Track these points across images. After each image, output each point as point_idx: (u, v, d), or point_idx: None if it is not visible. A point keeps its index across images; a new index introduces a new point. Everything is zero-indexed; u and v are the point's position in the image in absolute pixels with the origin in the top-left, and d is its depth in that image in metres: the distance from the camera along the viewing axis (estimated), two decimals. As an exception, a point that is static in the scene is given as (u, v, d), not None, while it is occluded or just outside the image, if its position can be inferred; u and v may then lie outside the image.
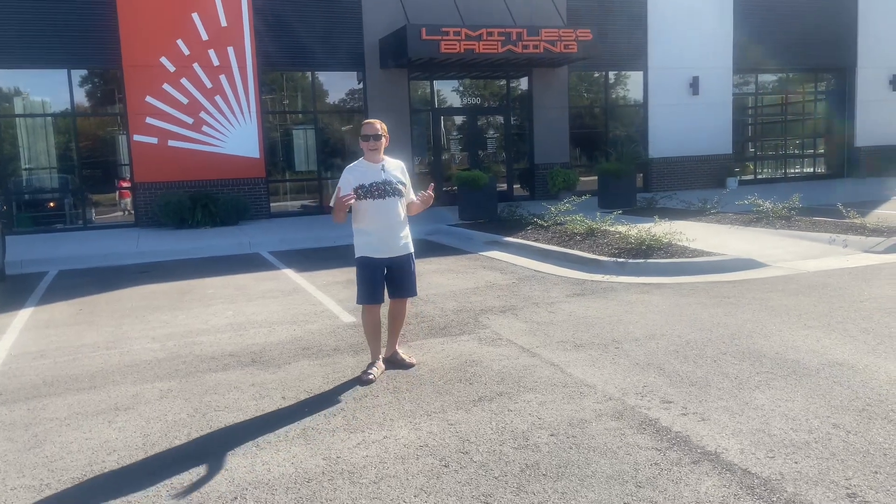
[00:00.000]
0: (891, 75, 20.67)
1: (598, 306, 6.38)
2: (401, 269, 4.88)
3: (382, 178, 4.75)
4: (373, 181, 4.72)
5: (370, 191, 4.71)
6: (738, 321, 5.66)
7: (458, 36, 13.95)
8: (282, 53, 15.04)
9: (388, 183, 4.75)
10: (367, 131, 4.76)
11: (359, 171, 4.78)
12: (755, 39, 18.85)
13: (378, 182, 4.73)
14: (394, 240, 4.80)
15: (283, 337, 5.92)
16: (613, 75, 18.17)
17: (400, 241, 4.83)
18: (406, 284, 4.93)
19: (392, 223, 4.78)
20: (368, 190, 4.71)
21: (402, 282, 4.92)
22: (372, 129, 4.76)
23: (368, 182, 4.72)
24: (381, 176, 4.75)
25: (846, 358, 4.65)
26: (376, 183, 4.72)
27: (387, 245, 4.80)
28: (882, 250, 8.28)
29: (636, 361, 4.80)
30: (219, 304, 7.28)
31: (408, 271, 4.92)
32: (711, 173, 18.94)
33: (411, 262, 4.94)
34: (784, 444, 3.46)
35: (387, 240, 4.79)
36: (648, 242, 8.02)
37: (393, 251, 4.81)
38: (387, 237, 4.78)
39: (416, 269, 5.01)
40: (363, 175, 4.75)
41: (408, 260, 4.91)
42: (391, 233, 4.79)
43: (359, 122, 16.08)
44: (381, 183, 4.73)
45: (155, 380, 4.97)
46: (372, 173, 4.75)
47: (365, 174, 4.75)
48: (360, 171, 4.79)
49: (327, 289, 7.78)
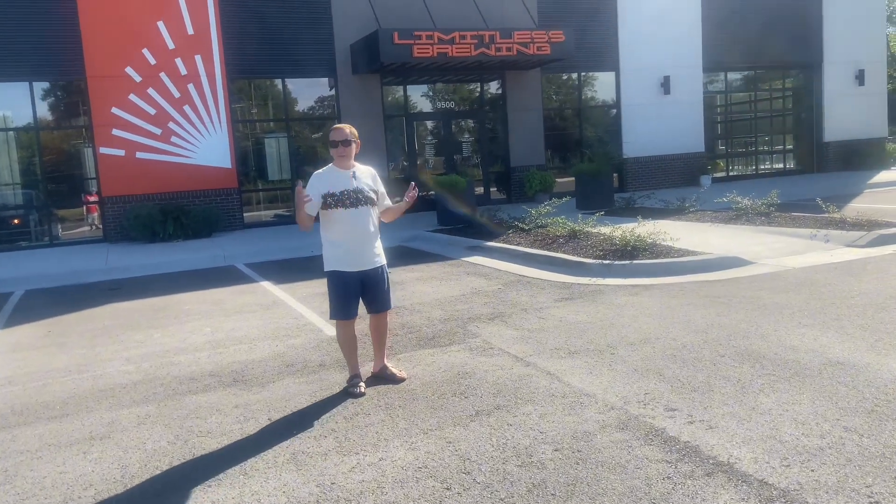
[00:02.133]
0: (856, 70, 21.00)
1: (589, 311, 6.25)
2: (375, 282, 4.65)
3: (354, 186, 4.48)
4: (343, 189, 4.45)
5: (341, 199, 4.44)
6: (733, 321, 5.56)
7: (431, 40, 13.79)
8: (251, 61, 14.76)
9: (359, 191, 4.48)
10: (336, 136, 4.50)
11: (328, 179, 4.49)
12: (723, 38, 19.01)
13: (349, 190, 4.46)
14: (367, 252, 4.57)
15: (265, 353, 5.69)
16: (586, 76, 18.18)
17: (373, 254, 4.61)
18: (382, 298, 4.73)
19: (365, 234, 4.54)
20: (339, 198, 4.44)
21: (377, 296, 4.71)
22: (340, 133, 4.50)
23: (339, 190, 4.44)
24: (352, 183, 4.48)
25: (847, 356, 4.57)
26: (347, 191, 4.45)
27: (359, 258, 4.55)
28: (864, 244, 8.29)
29: (634, 367, 4.67)
30: (195, 321, 7.01)
31: (382, 285, 4.70)
32: (685, 171, 19.04)
33: (385, 274, 4.72)
34: (797, 451, 3.33)
35: (359, 252, 4.54)
36: (633, 243, 7.92)
37: (366, 264, 4.57)
38: (359, 249, 4.54)
39: (390, 280, 4.82)
40: (333, 182, 4.47)
41: (381, 272, 4.68)
42: (364, 245, 4.55)
43: (331, 127, 15.85)
44: (353, 191, 4.46)
45: (131, 405, 4.70)
46: (342, 180, 4.48)
47: (335, 181, 4.47)
48: (329, 178, 4.49)
49: (308, 301, 7.54)
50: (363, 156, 4.76)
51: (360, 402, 4.44)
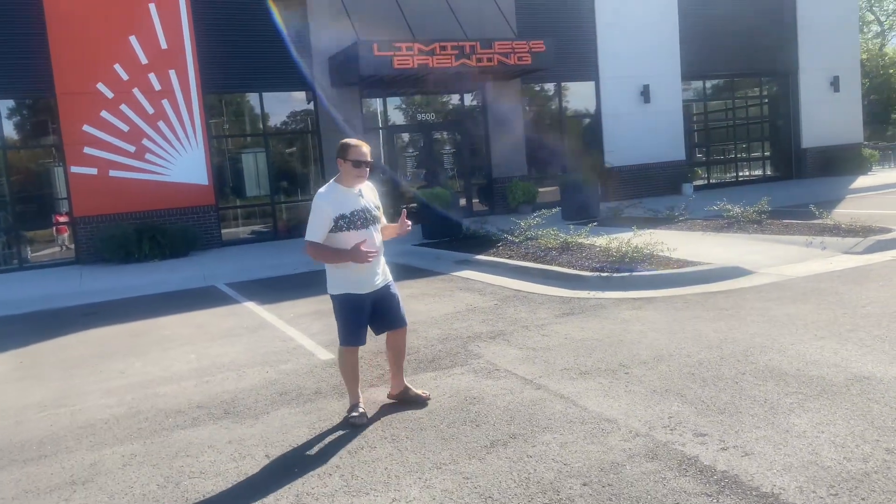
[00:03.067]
0: (831, 77, 21.21)
1: (593, 326, 6.01)
2: (388, 300, 4.46)
3: (362, 206, 4.27)
4: (353, 209, 4.22)
5: (352, 221, 4.21)
6: (745, 336, 5.36)
7: (411, 51, 13.57)
8: (227, 75, 14.40)
9: (367, 210, 4.29)
10: (362, 157, 4.20)
11: (337, 200, 4.21)
12: (700, 47, 19.07)
13: (358, 210, 4.25)
14: (377, 272, 4.39)
15: (256, 381, 5.35)
16: (566, 86, 18.06)
17: (381, 273, 4.43)
18: (399, 314, 4.52)
19: (378, 255, 4.35)
20: (350, 220, 4.21)
21: (394, 313, 4.49)
22: (365, 154, 4.22)
23: (349, 211, 4.21)
24: (359, 203, 4.27)
25: (871, 370, 4.38)
26: (357, 211, 4.24)
27: (371, 278, 4.35)
28: (861, 251, 8.19)
29: (652, 388, 4.43)
30: (178, 347, 6.64)
31: (395, 301, 4.50)
32: (667, 180, 18.99)
33: (393, 289, 4.53)
34: (843, 478, 3.11)
35: (371, 273, 4.34)
36: (631, 254, 7.72)
37: (377, 284, 4.38)
38: (371, 270, 4.33)
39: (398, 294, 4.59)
40: (342, 203, 4.21)
41: (392, 288, 4.50)
42: (375, 264, 4.35)
43: (311, 143, 15.57)
44: (362, 211, 4.26)
45: (115, 443, 4.35)
46: (350, 200, 4.24)
47: (344, 202, 4.22)
48: (338, 199, 4.22)
49: (296, 322, 7.21)
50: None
51: (363, 433, 4.14)
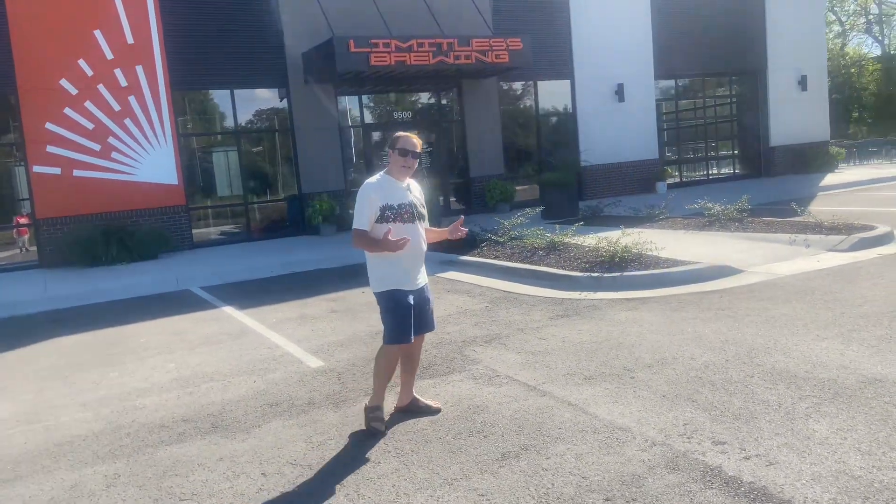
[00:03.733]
0: (799, 76, 21.51)
1: (590, 329, 5.87)
2: (425, 300, 4.27)
3: (409, 200, 4.13)
4: (401, 202, 4.08)
5: (400, 213, 4.05)
6: (746, 336, 5.27)
7: (389, 48, 13.32)
8: (196, 71, 13.97)
9: (414, 206, 4.15)
10: (410, 146, 4.07)
11: (385, 190, 4.06)
12: (673, 46, 19.16)
13: (406, 204, 4.10)
14: (419, 270, 4.25)
15: (243, 392, 5.09)
16: (542, 85, 17.96)
17: (423, 272, 4.30)
18: (431, 317, 4.35)
19: (420, 251, 4.19)
20: (398, 212, 4.04)
21: (427, 315, 4.29)
22: (414, 144, 4.10)
23: (397, 203, 4.06)
24: (408, 197, 4.13)
25: (881, 372, 4.30)
26: (405, 205, 4.09)
27: (416, 274, 4.20)
28: (846, 248, 8.20)
29: (661, 393, 4.29)
30: (156, 356, 6.33)
31: (429, 301, 4.33)
32: (641, 179, 19.05)
33: (429, 291, 4.36)
34: (877, 489, 2.99)
35: (415, 269, 4.19)
36: (621, 254, 7.61)
37: (420, 282, 4.23)
38: (415, 267, 4.19)
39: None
40: (390, 194, 4.06)
41: (428, 289, 4.34)
42: (418, 262, 4.22)
43: (284, 141, 15.21)
44: (409, 205, 4.11)
45: (95, 461, 4.06)
46: (399, 193, 4.10)
47: (392, 193, 4.07)
48: (386, 189, 4.07)
49: (280, 328, 6.94)
50: (321, 165, 4.26)
51: (365, 447, 3.92)
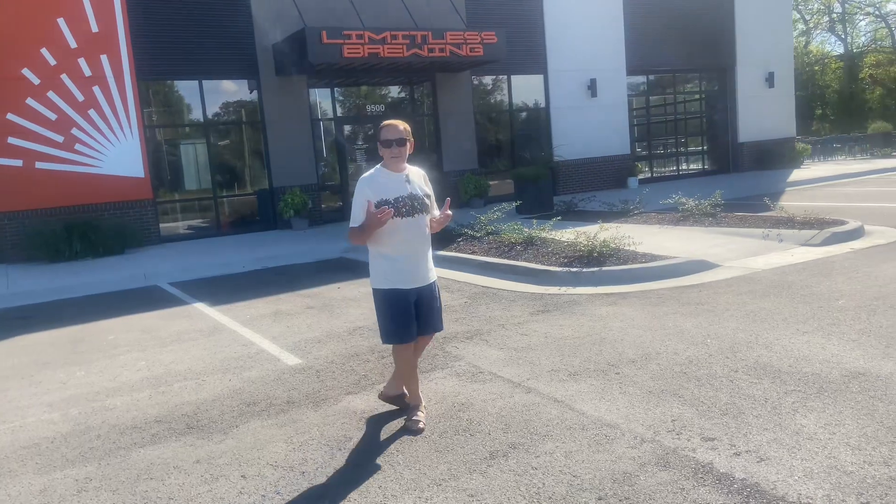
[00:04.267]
0: (766, 73, 21.81)
1: (572, 324, 5.82)
2: (429, 299, 4.05)
3: (408, 192, 3.89)
4: (398, 195, 3.86)
5: (396, 207, 3.83)
6: (728, 331, 5.26)
7: (362, 39, 13.15)
8: (164, 61, 13.63)
9: (415, 197, 3.91)
10: (390, 135, 3.87)
11: (379, 184, 3.88)
12: (645, 41, 19.28)
13: (404, 196, 3.87)
14: (424, 265, 4.01)
15: (219, 390, 4.94)
16: (515, 79, 17.92)
17: (428, 268, 4.05)
18: (436, 316, 4.13)
19: (422, 246, 3.97)
20: (394, 206, 3.82)
21: (432, 314, 4.08)
22: (395, 131, 3.87)
23: (393, 196, 3.85)
24: (406, 189, 3.90)
25: (864, 366, 4.32)
26: (402, 198, 3.86)
27: (417, 272, 3.97)
28: (819, 243, 8.29)
29: (647, 389, 4.25)
30: (126, 354, 6.12)
31: (436, 303, 4.11)
32: (612, 174, 19.15)
33: (437, 290, 4.14)
34: (870, 485, 2.98)
35: (417, 266, 3.97)
36: (599, 249, 7.59)
37: (422, 280, 4.00)
38: (416, 263, 3.96)
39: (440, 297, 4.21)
40: (385, 188, 3.87)
41: (435, 287, 4.12)
42: (420, 258, 3.98)
43: (255, 134, 14.93)
44: (408, 197, 3.88)
45: (65, 465, 3.89)
46: (395, 185, 3.89)
47: (387, 187, 3.87)
48: (380, 182, 3.89)
49: (255, 324, 6.77)
50: (293, 158, 4.12)
51: (349, 447, 3.81)
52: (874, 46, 42.88)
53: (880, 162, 22.30)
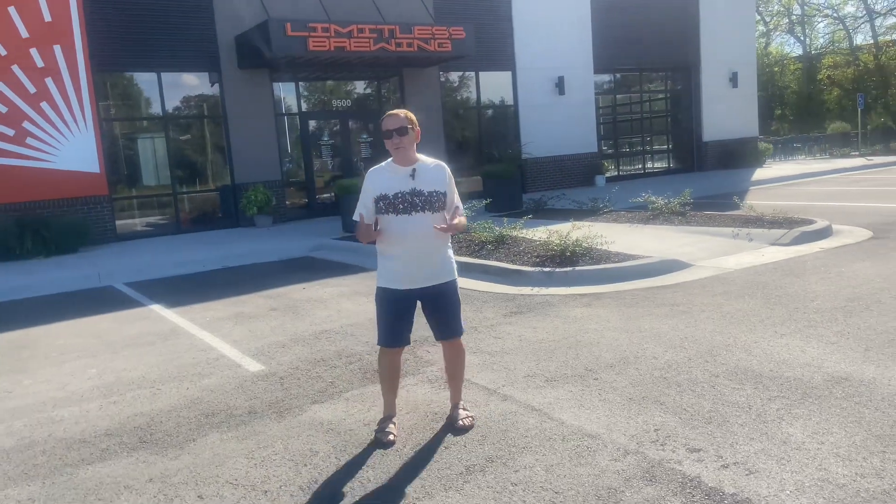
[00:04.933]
0: (730, 73, 22.03)
1: (546, 326, 5.65)
2: (437, 301, 3.78)
3: (410, 188, 3.62)
4: (398, 190, 3.61)
5: (393, 203, 3.60)
6: (705, 334, 5.15)
7: (328, 32, 12.84)
8: (120, 52, 13.13)
9: (417, 193, 3.62)
10: (389, 124, 3.61)
11: (382, 178, 3.66)
12: (611, 40, 19.28)
13: (405, 192, 3.61)
14: (425, 267, 3.70)
15: (175, 400, 4.64)
16: (484, 76, 17.75)
17: (436, 270, 3.73)
18: (447, 321, 3.83)
19: (422, 246, 3.65)
20: (391, 202, 3.60)
21: (441, 319, 3.83)
22: (394, 120, 3.60)
23: (392, 192, 3.61)
24: (408, 184, 3.63)
25: (846, 370, 4.22)
26: (402, 193, 3.61)
27: (415, 274, 3.69)
28: (789, 242, 8.28)
29: (627, 395, 4.09)
30: (76, 360, 5.77)
31: (447, 303, 3.80)
32: (580, 172, 19.14)
33: (453, 291, 3.82)
34: (864, 499, 2.85)
35: (415, 267, 3.69)
36: (572, 248, 7.45)
37: (425, 280, 3.71)
38: (415, 264, 3.68)
39: (457, 299, 3.86)
40: (387, 182, 3.63)
41: (447, 290, 3.78)
42: (421, 259, 3.68)
43: (216, 128, 14.49)
44: (409, 193, 3.61)
45: (6, 483, 3.58)
46: (398, 180, 3.63)
47: (389, 181, 3.64)
48: (383, 176, 3.66)
49: (215, 328, 6.46)
50: (256, 154, 3.86)
51: (314, 463, 3.57)
52: (832, 48, 43.81)
53: (839, 161, 22.71)
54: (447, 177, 3.73)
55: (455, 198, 3.76)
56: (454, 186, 3.77)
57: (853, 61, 40.41)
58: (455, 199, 3.76)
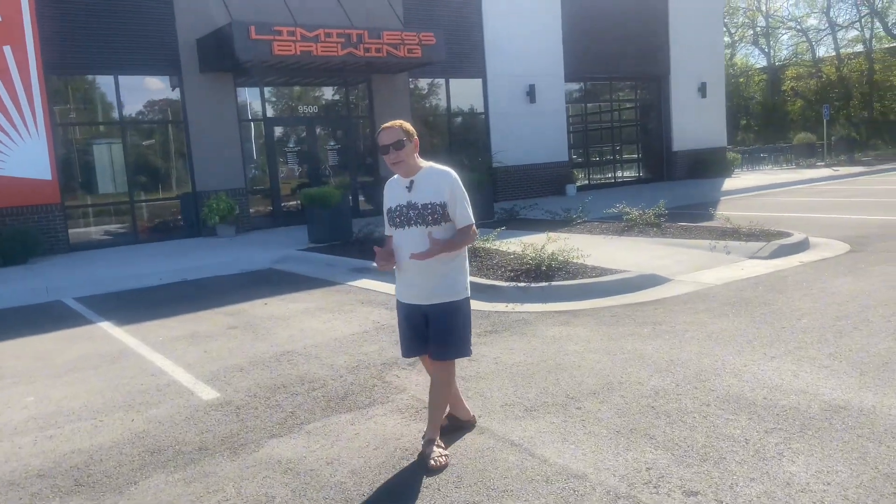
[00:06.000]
0: (699, 83, 22.10)
1: (523, 347, 5.33)
2: (434, 321, 3.55)
3: (406, 201, 3.47)
4: (397, 204, 3.51)
5: (392, 217, 3.55)
6: (691, 356, 4.87)
7: (293, 36, 12.42)
8: (75, 54, 12.55)
9: (412, 206, 3.45)
10: (383, 139, 3.44)
11: (390, 190, 3.60)
12: (582, 48, 19.17)
13: (402, 205, 3.49)
14: (423, 283, 3.50)
15: (118, 434, 4.20)
16: (454, 83, 17.46)
17: (433, 287, 3.49)
18: (434, 341, 3.56)
19: (417, 262, 3.43)
20: (392, 216, 3.55)
21: (432, 338, 3.57)
22: (388, 135, 3.43)
23: (395, 205, 3.53)
24: (405, 196, 3.48)
25: (843, 398, 3.97)
26: (400, 207, 3.50)
27: (414, 289, 3.55)
28: (767, 255, 8.11)
29: (614, 428, 3.78)
30: (12, 387, 5.27)
31: (442, 325, 3.53)
32: (551, 181, 18.95)
33: (449, 314, 3.52)
34: (882, 550, 2.57)
35: (413, 282, 3.54)
36: (547, 262, 7.15)
37: (425, 298, 3.53)
38: (412, 279, 3.54)
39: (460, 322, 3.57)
40: (393, 194, 3.57)
41: (444, 311, 3.51)
42: (419, 274, 3.49)
43: (177, 134, 13.95)
44: (405, 206, 3.48)
45: (-90, 543, 3.12)
46: (397, 193, 3.54)
47: (392, 194, 3.58)
48: (392, 190, 3.59)
49: (168, 348, 6.01)
50: (219, 161, 3.50)
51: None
52: (795, 60, 44.60)
53: (806, 172, 22.91)
54: (449, 186, 3.45)
55: (459, 209, 3.46)
56: (460, 195, 3.48)
57: (816, 73, 41.17)
58: (459, 210, 3.46)
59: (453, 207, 3.45)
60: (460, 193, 3.47)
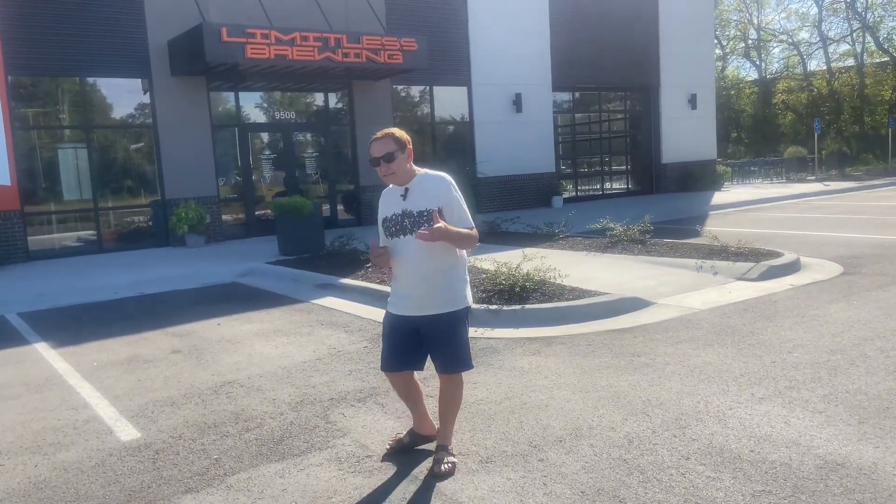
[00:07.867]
0: (689, 95, 21.76)
1: (488, 381, 4.83)
2: (434, 334, 3.47)
3: (401, 209, 3.41)
4: (392, 213, 3.46)
5: (388, 227, 3.48)
6: (672, 395, 4.38)
7: (267, 39, 11.94)
8: (39, 54, 12.02)
9: (407, 215, 3.38)
10: (374, 151, 3.38)
11: (385, 199, 3.55)
12: (570, 58, 18.78)
13: (397, 214, 3.43)
14: (425, 293, 3.41)
15: (14, 484, 3.66)
16: (438, 91, 17.01)
17: (432, 297, 3.41)
18: (440, 354, 3.53)
19: (415, 271, 3.39)
20: (387, 227, 3.48)
21: (437, 351, 3.53)
22: (378, 147, 3.36)
23: (390, 214, 3.48)
24: (399, 205, 3.43)
25: (840, 452, 3.48)
26: (395, 216, 3.44)
27: (410, 300, 3.45)
28: (756, 277, 7.65)
29: (579, 487, 3.28)
30: (-84, 419, 4.72)
31: (444, 337, 3.47)
32: (537, 192, 18.52)
33: (452, 325, 3.46)
34: None
35: (410, 293, 3.45)
36: (522, 283, 6.66)
37: (422, 309, 3.44)
38: (409, 290, 3.45)
39: (463, 332, 3.53)
40: (386, 204, 3.53)
41: (446, 322, 3.44)
42: (414, 285, 3.42)
43: (146, 138, 13.41)
44: (400, 216, 3.41)
45: None
46: (392, 203, 3.49)
47: (387, 204, 3.53)
48: (387, 199, 3.54)
49: (99, 376, 5.46)
50: (190, 168, 2.99)
51: None
52: (786, 73, 44.46)
53: (797, 186, 22.58)
54: (444, 192, 3.37)
55: (457, 213, 3.36)
56: (458, 201, 3.40)
57: (807, 86, 41.03)
58: (457, 214, 3.36)
59: (450, 212, 3.34)
60: (457, 198, 3.40)
